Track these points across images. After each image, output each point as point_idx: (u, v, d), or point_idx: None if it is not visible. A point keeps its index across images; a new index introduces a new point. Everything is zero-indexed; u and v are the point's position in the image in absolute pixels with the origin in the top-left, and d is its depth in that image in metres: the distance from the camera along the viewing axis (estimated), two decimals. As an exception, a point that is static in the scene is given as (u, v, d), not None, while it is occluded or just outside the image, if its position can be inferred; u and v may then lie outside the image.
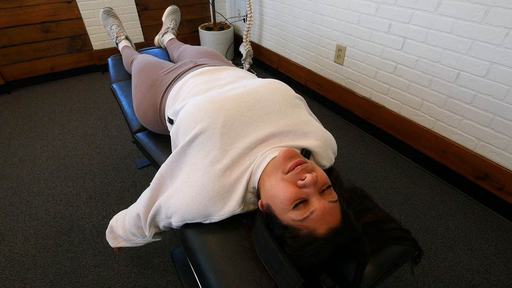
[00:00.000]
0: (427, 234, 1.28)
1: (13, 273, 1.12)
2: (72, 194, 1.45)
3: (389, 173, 1.58)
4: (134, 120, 1.12)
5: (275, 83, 0.79)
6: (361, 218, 0.64)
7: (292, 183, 0.58)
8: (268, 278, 0.58)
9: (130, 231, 0.82)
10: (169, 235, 1.26)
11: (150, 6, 2.55)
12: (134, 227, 0.79)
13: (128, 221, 0.81)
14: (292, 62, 2.30)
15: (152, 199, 0.72)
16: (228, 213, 0.65)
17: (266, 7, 2.34)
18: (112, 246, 0.93)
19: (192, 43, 2.88)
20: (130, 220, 0.80)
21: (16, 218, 1.33)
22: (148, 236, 0.76)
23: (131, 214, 0.79)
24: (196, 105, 0.72)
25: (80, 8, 2.30)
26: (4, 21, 2.12)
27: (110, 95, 2.27)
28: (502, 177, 1.31)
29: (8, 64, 2.26)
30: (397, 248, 0.64)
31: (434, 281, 1.11)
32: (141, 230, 0.78)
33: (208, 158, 0.66)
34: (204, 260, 0.64)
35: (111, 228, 0.90)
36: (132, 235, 0.82)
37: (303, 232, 0.55)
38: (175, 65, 1.06)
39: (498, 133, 1.27)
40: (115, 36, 1.56)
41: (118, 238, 0.90)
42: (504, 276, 1.12)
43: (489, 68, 1.22)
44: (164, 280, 1.10)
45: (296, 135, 0.72)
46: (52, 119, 2.01)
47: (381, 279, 0.62)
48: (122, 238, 0.87)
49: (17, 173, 1.57)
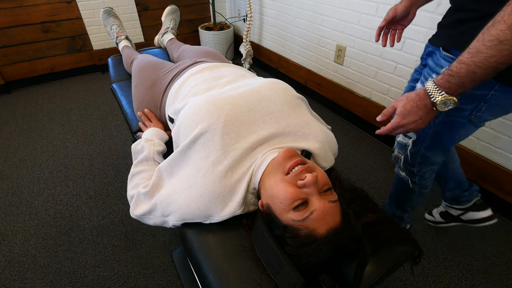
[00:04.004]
0: (427, 234, 1.28)
1: (13, 273, 1.12)
2: (72, 194, 1.45)
3: (389, 174, 1.58)
4: (134, 120, 1.12)
5: (277, 83, 0.79)
6: (361, 218, 0.64)
7: (292, 184, 0.58)
8: (268, 278, 0.58)
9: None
10: (169, 235, 1.26)
11: (150, 6, 2.55)
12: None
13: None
14: (292, 62, 2.30)
15: (150, 193, 0.72)
16: (229, 214, 0.65)
17: (266, 7, 2.34)
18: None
19: (192, 43, 2.87)
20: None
21: (16, 218, 1.33)
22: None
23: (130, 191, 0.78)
24: (197, 105, 0.71)
25: (80, 8, 2.29)
26: (4, 21, 2.12)
27: (110, 95, 2.27)
28: (502, 177, 1.31)
29: (8, 64, 2.26)
30: (397, 248, 0.64)
31: (434, 281, 1.10)
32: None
33: (209, 159, 0.66)
34: (204, 260, 0.64)
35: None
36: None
37: (303, 232, 0.55)
38: (175, 65, 1.06)
39: (498, 133, 1.27)
40: (115, 36, 1.56)
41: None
42: (504, 276, 1.12)
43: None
44: (164, 280, 1.10)
45: (297, 136, 0.72)
46: (52, 119, 2.01)
47: (381, 279, 0.62)
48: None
49: (17, 173, 1.57)
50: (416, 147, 0.87)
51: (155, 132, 0.90)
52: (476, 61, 0.50)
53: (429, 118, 0.61)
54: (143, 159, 0.82)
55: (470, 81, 0.53)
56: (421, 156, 0.88)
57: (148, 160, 0.82)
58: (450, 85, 0.55)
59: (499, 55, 0.48)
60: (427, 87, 0.59)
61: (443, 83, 0.56)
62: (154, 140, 0.87)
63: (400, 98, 0.62)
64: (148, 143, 0.85)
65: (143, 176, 0.79)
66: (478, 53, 0.50)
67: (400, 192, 1.09)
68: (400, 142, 0.92)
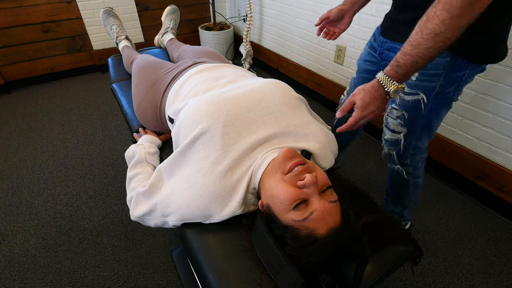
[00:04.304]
0: (427, 234, 1.28)
1: (13, 273, 1.12)
2: (72, 194, 1.45)
3: (389, 173, 1.58)
4: (134, 120, 1.12)
5: (276, 83, 0.79)
6: (361, 218, 0.64)
7: (292, 184, 0.58)
8: (268, 278, 0.58)
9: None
10: (169, 235, 1.26)
11: (150, 6, 2.55)
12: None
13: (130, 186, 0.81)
14: (292, 62, 2.30)
15: (149, 193, 0.72)
16: (229, 214, 0.65)
17: (266, 7, 2.34)
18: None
19: (192, 43, 2.87)
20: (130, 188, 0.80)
21: (16, 218, 1.33)
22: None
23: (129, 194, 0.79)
24: (197, 105, 0.72)
25: (80, 8, 2.29)
26: (4, 21, 2.12)
27: (110, 95, 2.27)
28: (502, 177, 1.31)
29: (8, 64, 2.26)
30: (397, 248, 0.64)
31: (434, 281, 1.11)
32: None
33: (209, 159, 0.66)
34: (204, 260, 0.64)
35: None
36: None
37: (303, 232, 0.55)
38: (175, 65, 1.06)
39: (498, 133, 1.27)
40: (115, 36, 1.56)
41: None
42: (504, 276, 1.12)
43: (489, 68, 1.22)
44: (164, 280, 1.10)
45: (297, 137, 0.72)
46: (52, 119, 2.01)
47: (381, 279, 0.62)
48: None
49: (17, 173, 1.57)
50: (408, 140, 0.91)
51: (146, 138, 0.93)
52: (418, 52, 0.57)
53: (383, 106, 0.68)
54: (136, 162, 0.84)
55: (414, 70, 0.60)
56: (414, 148, 0.93)
57: (141, 162, 0.84)
58: (398, 75, 0.62)
59: (435, 46, 0.56)
60: (379, 78, 0.64)
61: (393, 73, 0.62)
62: (144, 144, 0.89)
63: (355, 92, 0.66)
64: (138, 147, 0.87)
65: (139, 178, 0.80)
66: (418, 45, 0.56)
67: (396, 186, 1.10)
68: (389, 140, 0.94)
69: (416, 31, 0.57)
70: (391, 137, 0.93)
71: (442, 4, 0.52)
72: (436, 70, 0.75)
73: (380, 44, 0.89)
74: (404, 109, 0.85)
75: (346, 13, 0.97)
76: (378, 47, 0.91)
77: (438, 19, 0.53)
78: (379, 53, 0.91)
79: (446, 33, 0.54)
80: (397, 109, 0.86)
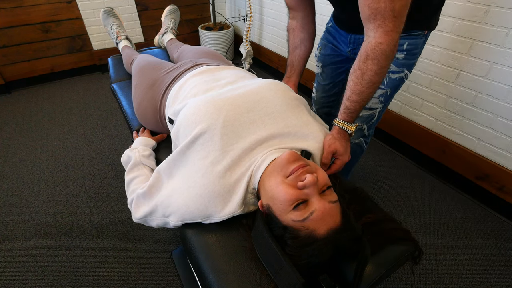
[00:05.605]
0: (427, 234, 1.28)
1: (13, 273, 1.12)
2: (72, 194, 1.45)
3: (389, 173, 1.58)
4: (134, 120, 1.12)
5: (275, 84, 0.79)
6: (361, 218, 0.64)
7: (292, 185, 0.58)
8: (268, 278, 0.58)
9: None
10: (169, 235, 1.26)
11: (150, 6, 2.55)
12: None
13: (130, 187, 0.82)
14: (292, 62, 2.30)
15: (149, 194, 0.73)
16: (229, 214, 0.65)
17: (266, 7, 2.34)
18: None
19: (192, 43, 2.87)
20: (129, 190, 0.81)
21: (16, 218, 1.33)
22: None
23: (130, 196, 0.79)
24: (196, 105, 0.72)
25: (80, 8, 2.29)
26: (4, 21, 2.12)
27: (110, 95, 2.27)
28: (502, 177, 1.31)
29: (8, 64, 2.26)
30: (397, 248, 0.64)
31: (434, 281, 1.11)
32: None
33: (208, 159, 0.66)
34: (204, 260, 0.64)
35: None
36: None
37: (303, 232, 0.55)
38: (175, 65, 1.06)
39: (498, 133, 1.27)
40: (115, 36, 1.56)
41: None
42: (504, 276, 1.12)
43: (489, 68, 1.22)
44: (164, 280, 1.10)
45: (296, 137, 0.72)
46: (52, 119, 2.01)
47: (381, 279, 0.62)
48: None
49: (17, 173, 1.57)
50: (380, 114, 1.03)
51: (139, 141, 0.94)
52: (363, 98, 0.72)
53: (349, 144, 0.81)
54: (132, 166, 0.84)
55: (361, 110, 0.76)
56: (378, 118, 1.04)
57: (137, 165, 0.84)
58: (352, 118, 0.76)
59: (374, 89, 0.71)
60: (340, 125, 0.77)
61: (349, 118, 0.76)
62: (138, 147, 0.90)
63: (329, 142, 0.75)
64: (132, 151, 0.88)
65: (137, 181, 0.80)
66: (361, 93, 0.71)
67: (355, 157, 1.19)
68: (364, 116, 1.01)
69: (355, 82, 0.71)
70: (366, 113, 1.00)
71: (371, 61, 0.67)
72: (417, 49, 0.87)
73: (353, 40, 0.96)
74: (390, 87, 0.93)
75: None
76: (349, 44, 0.97)
77: (371, 71, 0.68)
78: (353, 48, 0.97)
79: (380, 79, 0.69)
80: (383, 88, 0.93)
